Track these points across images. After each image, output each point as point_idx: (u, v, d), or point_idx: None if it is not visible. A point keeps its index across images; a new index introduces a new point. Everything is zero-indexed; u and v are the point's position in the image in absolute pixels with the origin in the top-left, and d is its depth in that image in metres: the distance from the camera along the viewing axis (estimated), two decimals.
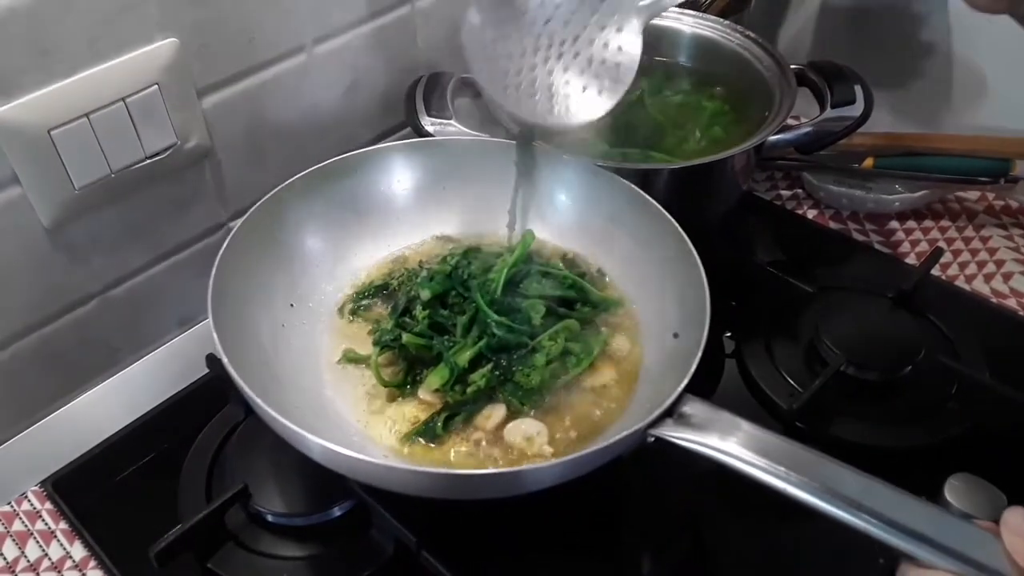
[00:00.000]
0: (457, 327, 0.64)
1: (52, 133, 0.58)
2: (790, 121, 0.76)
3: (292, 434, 0.51)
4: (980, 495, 0.57)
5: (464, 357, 0.62)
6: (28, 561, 0.61)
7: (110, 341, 0.72)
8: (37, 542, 0.62)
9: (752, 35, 0.83)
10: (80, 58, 0.59)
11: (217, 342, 0.54)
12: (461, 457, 0.59)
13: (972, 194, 0.91)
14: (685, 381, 0.53)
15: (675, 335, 0.63)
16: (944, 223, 0.89)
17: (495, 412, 0.61)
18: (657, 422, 0.52)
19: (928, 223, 0.89)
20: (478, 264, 0.68)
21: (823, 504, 0.46)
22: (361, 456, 0.50)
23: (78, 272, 0.66)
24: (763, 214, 0.90)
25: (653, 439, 0.52)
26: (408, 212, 0.75)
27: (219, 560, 0.59)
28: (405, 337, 0.63)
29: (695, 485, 0.61)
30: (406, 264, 0.73)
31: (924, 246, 0.86)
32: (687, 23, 0.87)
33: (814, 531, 0.58)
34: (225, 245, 0.61)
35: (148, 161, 0.65)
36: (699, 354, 0.55)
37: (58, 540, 0.62)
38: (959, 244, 0.86)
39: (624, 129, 0.80)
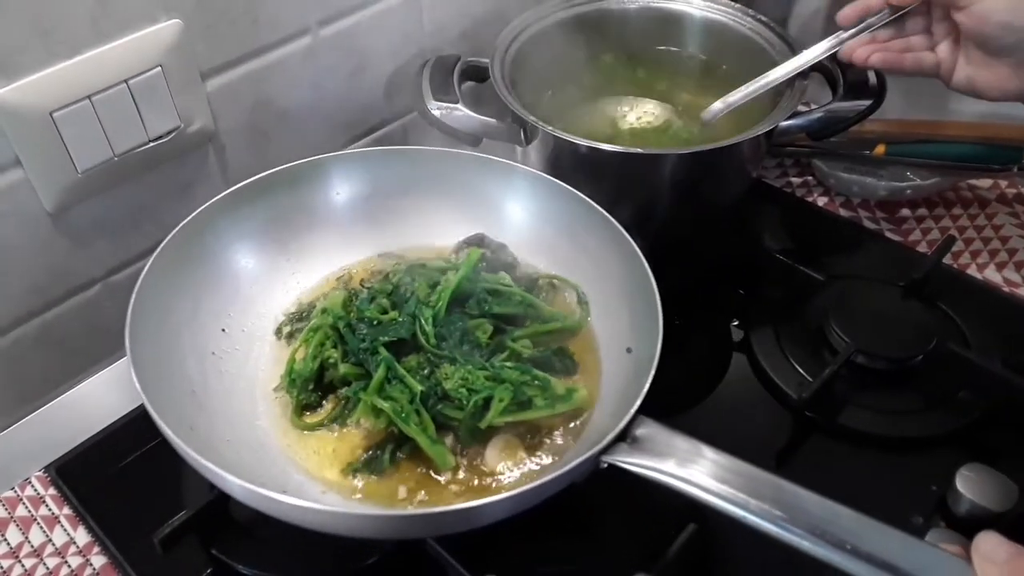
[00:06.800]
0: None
1: (54, 115, 0.58)
2: (801, 107, 0.74)
3: (212, 474, 0.48)
4: (992, 485, 0.57)
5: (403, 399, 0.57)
6: (32, 546, 0.61)
7: (113, 326, 0.71)
8: (41, 527, 0.62)
9: (763, 19, 0.82)
10: (82, 39, 0.58)
11: (134, 376, 0.52)
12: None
13: (984, 182, 0.90)
14: (637, 403, 0.50)
15: (628, 350, 0.61)
16: (956, 211, 0.88)
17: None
18: (610, 447, 0.49)
19: (940, 211, 0.88)
20: (422, 281, 0.65)
21: (785, 534, 0.44)
22: (286, 499, 0.46)
23: (81, 256, 0.66)
24: (773, 201, 0.89)
25: (606, 465, 0.49)
26: (351, 227, 0.71)
27: (223, 546, 0.58)
28: (343, 368, 0.60)
29: None
30: (350, 283, 0.69)
31: (935, 234, 0.85)
32: (697, 6, 0.86)
33: None
34: (146, 269, 0.58)
35: (151, 144, 0.64)
36: (651, 373, 0.52)
37: (62, 525, 0.62)
38: (971, 232, 0.85)
39: None
